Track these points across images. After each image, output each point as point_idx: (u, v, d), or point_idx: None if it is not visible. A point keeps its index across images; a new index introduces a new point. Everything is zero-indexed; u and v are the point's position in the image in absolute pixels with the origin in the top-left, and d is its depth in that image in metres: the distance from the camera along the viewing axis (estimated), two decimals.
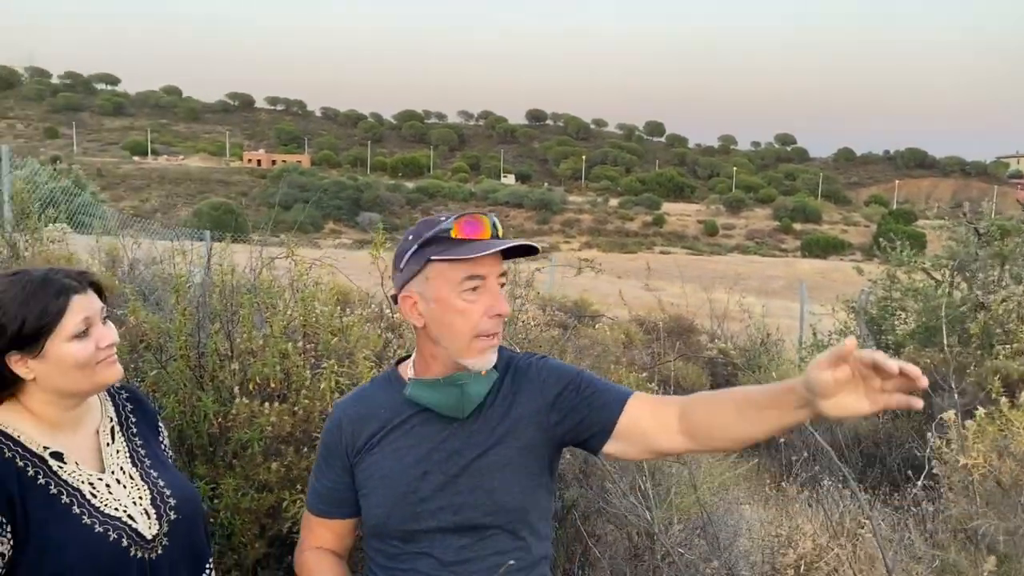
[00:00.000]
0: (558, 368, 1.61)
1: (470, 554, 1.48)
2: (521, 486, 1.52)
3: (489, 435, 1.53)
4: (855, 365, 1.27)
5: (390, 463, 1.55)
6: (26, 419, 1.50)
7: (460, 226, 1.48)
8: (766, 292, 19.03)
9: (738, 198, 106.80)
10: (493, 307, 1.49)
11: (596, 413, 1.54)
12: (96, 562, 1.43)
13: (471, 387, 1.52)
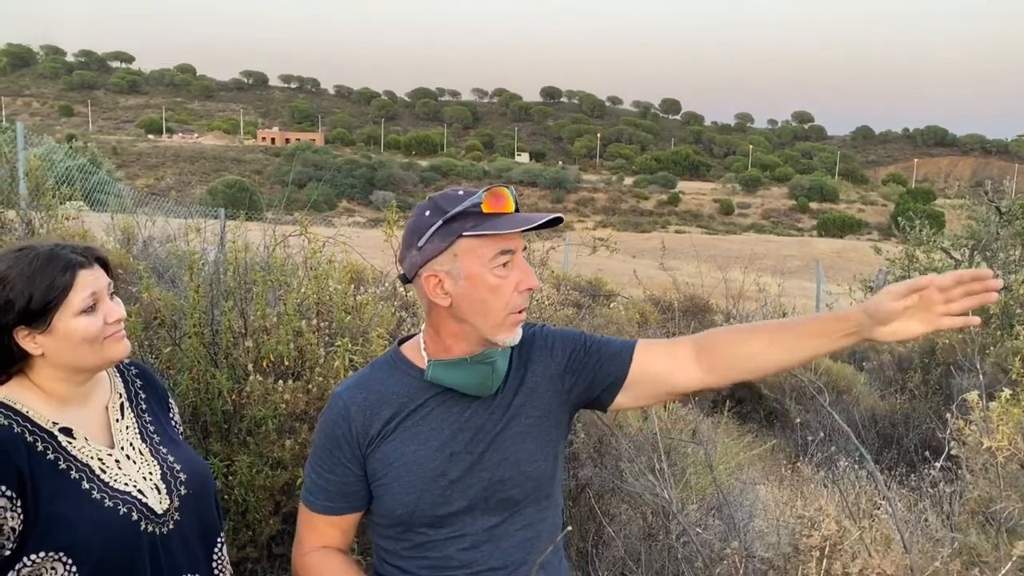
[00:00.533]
0: (562, 333, 1.60)
1: (500, 531, 1.47)
2: (544, 453, 1.51)
3: (508, 408, 1.51)
4: (929, 293, 1.31)
5: (413, 448, 1.49)
6: (35, 395, 1.49)
7: (489, 200, 1.43)
8: (782, 272, 18.85)
9: (754, 177, 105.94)
10: (524, 282, 1.45)
11: (607, 365, 1.53)
12: (106, 536, 1.43)
13: (500, 363, 1.49)
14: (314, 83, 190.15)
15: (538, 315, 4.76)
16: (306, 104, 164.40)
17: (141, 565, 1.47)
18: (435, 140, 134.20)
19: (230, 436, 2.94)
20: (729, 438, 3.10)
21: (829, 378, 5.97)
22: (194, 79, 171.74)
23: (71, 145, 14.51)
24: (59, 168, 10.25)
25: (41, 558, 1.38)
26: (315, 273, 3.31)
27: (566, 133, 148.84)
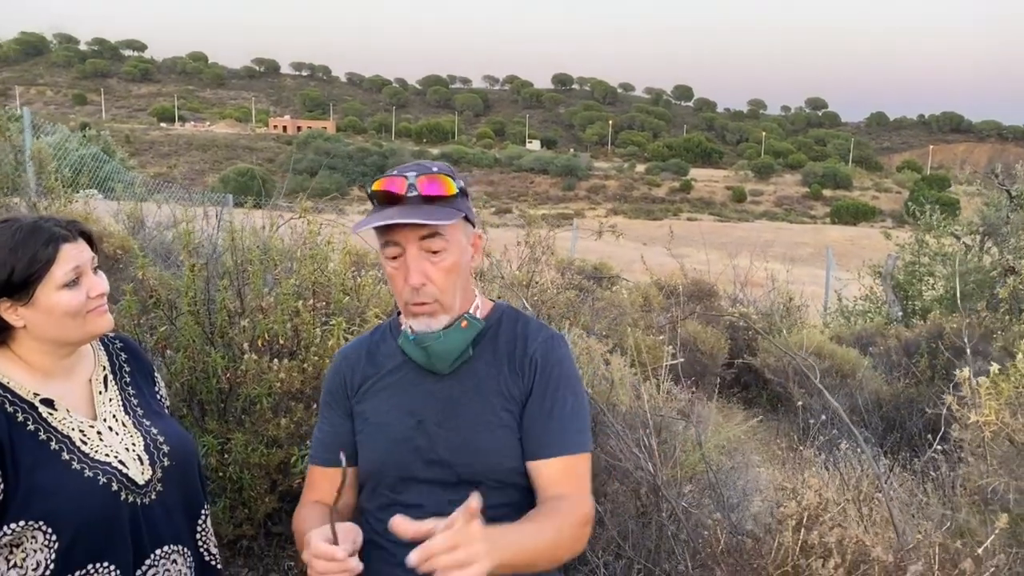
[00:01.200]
0: (551, 367, 1.51)
1: (458, 508, 1.47)
2: (510, 446, 1.49)
3: (477, 391, 1.51)
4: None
5: (386, 408, 1.54)
6: (17, 366, 1.50)
7: (377, 186, 1.46)
8: (793, 259, 18.72)
9: (767, 164, 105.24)
10: (408, 278, 1.43)
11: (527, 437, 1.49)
12: (85, 505, 1.44)
13: (435, 347, 1.50)
14: (325, 71, 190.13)
15: (538, 298, 4.75)
16: (317, 92, 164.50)
17: (121, 534, 1.48)
18: (446, 128, 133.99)
19: (226, 414, 2.96)
20: (722, 416, 3.09)
21: (833, 362, 5.94)
22: (206, 67, 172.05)
23: (84, 134, 14.59)
24: (72, 157, 10.32)
25: (21, 527, 1.39)
26: (312, 253, 3.32)
27: (578, 120, 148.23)
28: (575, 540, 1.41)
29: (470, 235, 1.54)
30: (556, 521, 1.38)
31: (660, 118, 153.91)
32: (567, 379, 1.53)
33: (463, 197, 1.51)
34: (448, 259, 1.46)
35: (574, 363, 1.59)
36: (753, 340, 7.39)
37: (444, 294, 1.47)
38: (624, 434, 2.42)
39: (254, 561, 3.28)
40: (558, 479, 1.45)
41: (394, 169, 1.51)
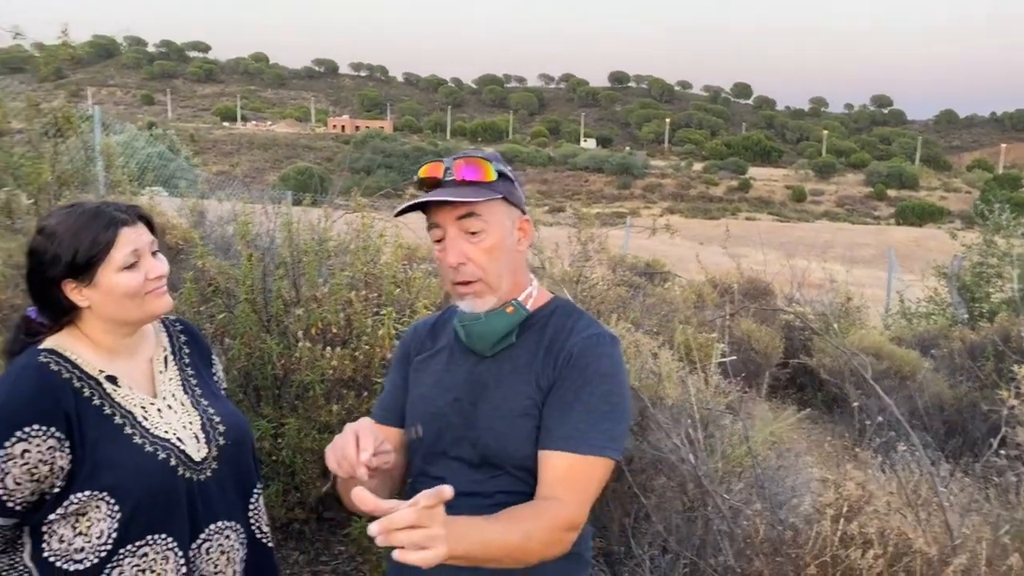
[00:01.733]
0: (585, 363, 1.49)
1: (479, 488, 1.49)
2: (530, 434, 1.48)
3: (512, 377, 1.53)
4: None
5: (430, 383, 1.60)
6: (84, 344, 1.58)
7: (422, 172, 1.52)
8: (854, 260, 18.27)
9: (828, 163, 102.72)
10: (449, 258, 1.48)
11: (542, 426, 1.47)
12: (146, 479, 1.51)
13: (474, 328, 1.53)
14: (383, 71, 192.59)
15: (588, 294, 4.75)
16: (375, 92, 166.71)
17: (178, 508, 1.55)
18: (501, 126, 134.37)
19: (280, 400, 3.05)
20: (772, 413, 3.05)
21: (892, 363, 5.79)
22: (267, 67, 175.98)
23: (151, 133, 15.09)
24: (140, 155, 10.70)
25: (87, 496, 1.47)
26: (365, 246, 3.39)
27: (634, 118, 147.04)
28: (549, 545, 1.36)
29: (515, 219, 1.55)
30: (530, 524, 1.34)
31: (718, 116, 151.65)
32: (601, 378, 1.47)
33: (505, 182, 1.53)
34: (488, 240, 1.48)
35: (618, 366, 1.52)
36: (809, 340, 7.24)
37: (487, 274, 1.49)
38: (669, 427, 2.41)
39: (305, 545, 3.37)
40: (558, 478, 1.42)
41: (442, 159, 1.55)
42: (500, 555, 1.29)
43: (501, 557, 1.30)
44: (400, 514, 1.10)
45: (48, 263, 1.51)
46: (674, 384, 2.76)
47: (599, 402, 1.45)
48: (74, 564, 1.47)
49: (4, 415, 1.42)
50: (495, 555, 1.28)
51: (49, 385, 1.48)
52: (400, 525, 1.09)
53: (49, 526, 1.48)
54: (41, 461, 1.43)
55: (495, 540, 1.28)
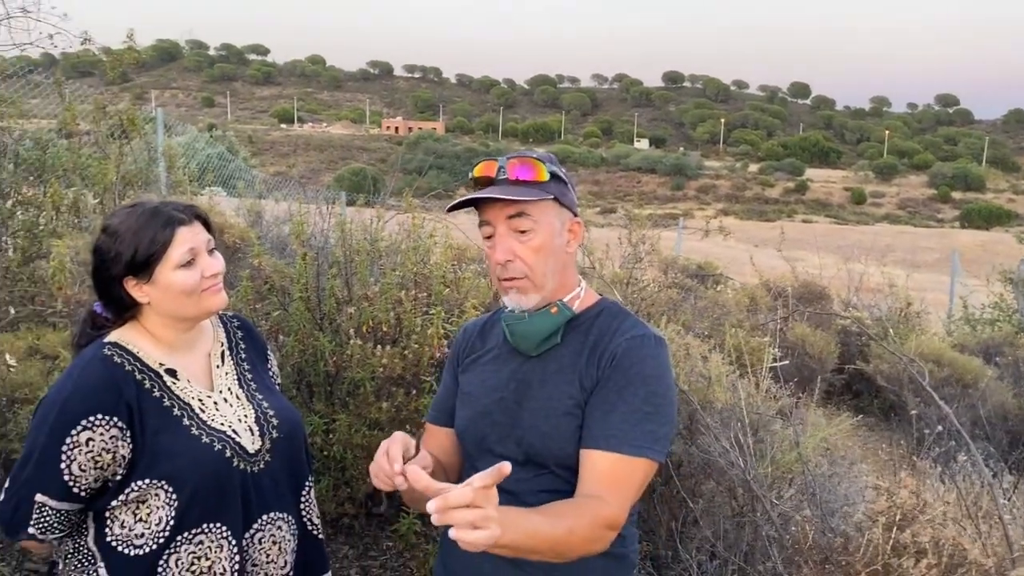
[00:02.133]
0: (629, 364, 1.49)
1: (523, 486, 1.51)
2: (572, 433, 1.49)
3: (556, 376, 1.54)
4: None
5: (478, 382, 1.63)
6: (145, 338, 1.64)
7: (477, 171, 1.55)
8: (916, 264, 17.76)
9: (890, 164, 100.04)
10: (495, 255, 1.51)
11: (584, 426, 1.48)
12: (202, 469, 1.56)
13: (517, 327, 1.56)
14: (436, 72, 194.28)
15: (638, 296, 4.73)
16: (428, 93, 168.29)
17: (233, 498, 1.59)
18: (553, 127, 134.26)
19: (332, 396, 3.11)
20: (825, 418, 2.98)
21: (954, 370, 5.61)
22: (324, 70, 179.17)
23: (211, 134, 15.48)
24: (200, 156, 11.00)
25: (146, 484, 1.52)
26: (415, 246, 3.43)
27: (688, 119, 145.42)
28: (590, 541, 1.37)
29: (566, 220, 1.56)
30: (572, 520, 1.34)
31: (775, 116, 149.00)
32: (646, 379, 1.47)
33: (558, 183, 1.54)
34: (536, 239, 1.50)
35: (664, 368, 1.51)
36: (866, 346, 7.07)
37: (533, 272, 1.51)
38: (718, 431, 2.39)
39: (355, 539, 3.42)
40: (599, 476, 1.42)
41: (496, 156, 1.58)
42: (543, 548, 1.30)
43: (544, 550, 1.31)
44: (456, 493, 1.12)
45: (111, 261, 1.57)
46: (724, 388, 2.73)
47: (642, 403, 1.45)
48: (134, 549, 1.53)
49: (71, 405, 1.49)
50: (539, 547, 1.29)
51: (113, 377, 1.54)
52: (455, 504, 1.11)
53: (111, 512, 1.54)
54: (104, 449, 1.49)
55: (540, 532, 1.29)
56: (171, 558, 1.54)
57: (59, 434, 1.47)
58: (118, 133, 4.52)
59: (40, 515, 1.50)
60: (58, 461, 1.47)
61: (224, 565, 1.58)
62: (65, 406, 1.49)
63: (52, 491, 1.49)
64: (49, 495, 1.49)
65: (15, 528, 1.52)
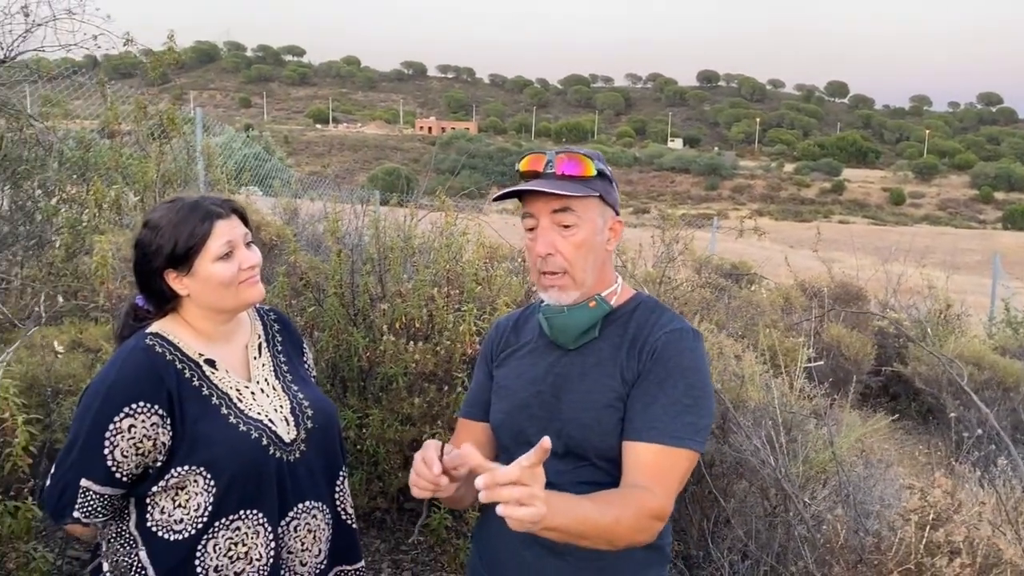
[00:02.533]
0: (669, 356, 1.50)
1: (563, 478, 1.50)
2: (614, 426, 1.50)
3: (595, 369, 1.55)
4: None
5: (515, 375, 1.65)
6: (186, 329, 1.68)
7: (524, 164, 1.55)
8: (956, 266, 17.38)
9: (930, 164, 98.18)
10: (536, 248, 1.51)
11: (626, 418, 1.49)
12: (239, 456, 1.60)
13: (557, 320, 1.57)
14: (470, 72, 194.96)
15: (671, 294, 4.71)
16: (461, 93, 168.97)
17: (269, 486, 1.63)
18: (586, 127, 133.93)
19: (365, 391, 3.14)
20: (860, 418, 2.95)
21: (995, 373, 5.50)
22: (359, 70, 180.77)
23: (248, 134, 15.70)
24: (237, 155, 11.17)
25: (185, 471, 1.56)
26: (447, 243, 3.46)
27: (723, 118, 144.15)
28: (637, 531, 1.37)
29: (608, 218, 1.57)
30: (619, 510, 1.35)
31: (811, 115, 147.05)
32: (685, 371, 1.48)
33: (604, 181, 1.55)
34: (579, 234, 1.50)
35: (701, 361, 1.53)
36: (903, 348, 6.95)
37: (573, 267, 1.51)
38: (751, 429, 2.37)
39: (387, 533, 3.46)
40: (643, 467, 1.43)
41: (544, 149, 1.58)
42: (592, 535, 1.31)
43: (592, 537, 1.31)
44: (504, 470, 1.14)
45: (152, 254, 1.62)
46: (757, 387, 2.71)
47: (682, 395, 1.46)
48: (173, 534, 1.57)
49: (114, 392, 1.53)
50: (587, 533, 1.30)
51: (154, 366, 1.58)
52: (503, 481, 1.13)
53: (152, 498, 1.58)
54: (145, 436, 1.54)
55: (589, 518, 1.30)
56: (209, 543, 1.58)
57: (103, 421, 1.52)
58: (158, 133, 4.62)
59: (84, 499, 1.55)
60: (101, 447, 1.52)
61: (260, 551, 1.61)
62: (108, 394, 1.53)
63: (96, 476, 1.53)
64: (93, 480, 1.54)
65: (61, 512, 1.57)
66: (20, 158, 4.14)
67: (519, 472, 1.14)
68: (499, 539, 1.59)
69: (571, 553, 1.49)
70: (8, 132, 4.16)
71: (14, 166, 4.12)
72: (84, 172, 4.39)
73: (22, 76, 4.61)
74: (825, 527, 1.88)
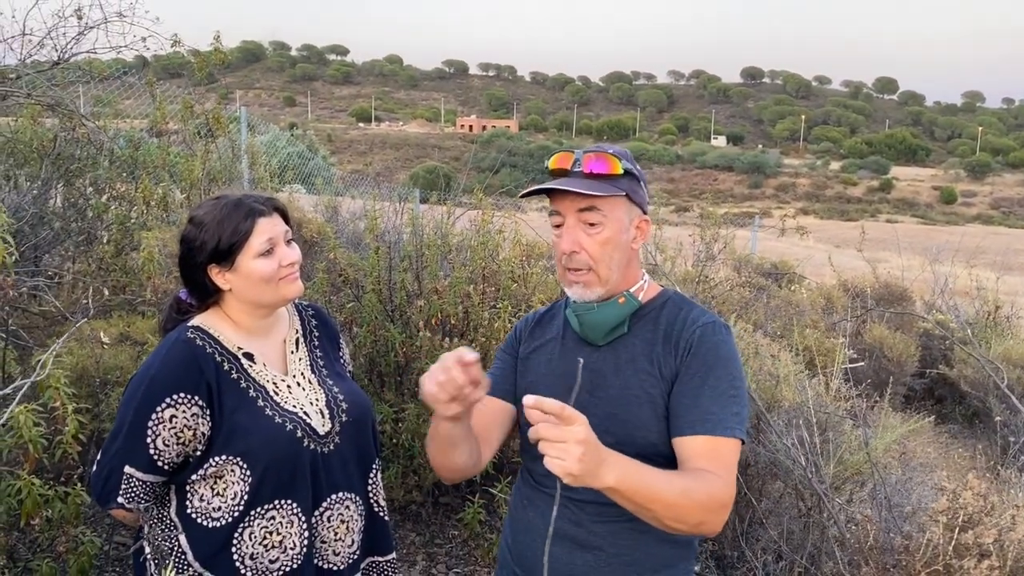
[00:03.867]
0: (706, 349, 1.52)
1: None
2: (652, 421, 1.51)
3: (628, 365, 1.56)
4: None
5: (543, 372, 1.66)
6: (226, 324, 1.74)
7: (553, 162, 1.56)
8: (1008, 267, 16.89)
9: (983, 162, 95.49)
10: (562, 245, 1.53)
11: (672, 415, 1.50)
12: (274, 447, 1.65)
13: (587, 317, 1.58)
14: (511, 70, 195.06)
15: (709, 295, 4.67)
16: (502, 92, 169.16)
17: (303, 476, 1.67)
18: (627, 124, 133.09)
19: (401, 386, 3.19)
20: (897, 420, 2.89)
21: None
22: (401, 69, 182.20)
23: (292, 133, 15.94)
24: (281, 154, 11.36)
25: (223, 460, 1.62)
26: (484, 241, 3.49)
27: (767, 115, 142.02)
28: (703, 511, 1.35)
29: (634, 217, 1.58)
30: (689, 483, 1.36)
31: (859, 112, 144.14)
32: (723, 362, 1.51)
33: (631, 180, 1.56)
34: (604, 232, 1.52)
35: (735, 351, 1.54)
36: (949, 350, 6.80)
37: (598, 264, 1.53)
38: (783, 430, 2.36)
39: (421, 527, 3.51)
40: (703, 457, 1.44)
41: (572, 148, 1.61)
42: (658, 507, 1.31)
43: (658, 509, 1.32)
44: (551, 400, 1.18)
45: (196, 249, 1.67)
46: (792, 387, 2.69)
47: (726, 386, 1.48)
48: (212, 521, 1.63)
49: (157, 383, 1.59)
50: (654, 503, 1.31)
51: (195, 358, 1.63)
52: (550, 409, 1.17)
53: (191, 486, 1.64)
54: (186, 426, 1.59)
55: (658, 486, 1.31)
56: (245, 531, 1.63)
57: (146, 410, 1.58)
58: (204, 132, 4.74)
59: (128, 485, 1.61)
60: (144, 435, 1.58)
61: (295, 540, 1.66)
62: (151, 384, 1.59)
63: (139, 463, 1.59)
64: (136, 467, 1.60)
65: (106, 497, 1.63)
66: (73, 157, 4.28)
67: (568, 410, 1.18)
68: (528, 534, 1.62)
69: (601, 548, 1.52)
70: (62, 131, 4.30)
71: (67, 164, 4.26)
72: (133, 170, 4.52)
73: (75, 77, 4.76)
74: (855, 528, 1.86)
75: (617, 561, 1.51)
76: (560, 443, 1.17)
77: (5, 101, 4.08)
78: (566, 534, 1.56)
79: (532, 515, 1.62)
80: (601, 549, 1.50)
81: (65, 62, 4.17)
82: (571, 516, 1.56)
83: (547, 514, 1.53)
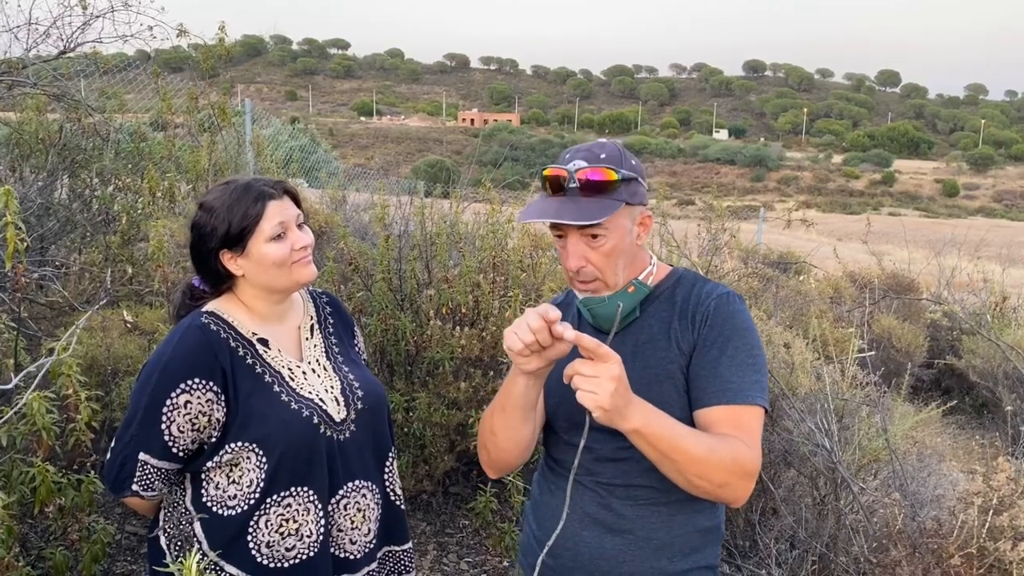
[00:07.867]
0: (723, 319, 1.52)
1: (627, 454, 1.51)
2: (674, 398, 1.50)
3: (647, 345, 1.55)
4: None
5: (562, 360, 1.61)
6: (240, 309, 1.72)
7: (547, 173, 1.52)
8: (1012, 260, 16.84)
9: (986, 155, 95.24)
10: (567, 262, 1.51)
11: (693, 387, 1.50)
12: (290, 434, 1.63)
13: (598, 309, 1.57)
14: (512, 64, 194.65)
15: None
16: (504, 85, 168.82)
17: (319, 463, 1.66)
18: (629, 118, 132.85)
19: (412, 376, 3.18)
20: (913, 405, 2.88)
21: None
22: (402, 63, 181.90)
23: (294, 127, 15.89)
24: (284, 148, 11.33)
25: (238, 447, 1.60)
26: (492, 230, 3.47)
27: (769, 108, 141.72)
28: (726, 472, 1.36)
29: (636, 215, 1.56)
30: (715, 442, 1.36)
31: (861, 105, 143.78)
32: (740, 331, 1.51)
33: (627, 183, 1.52)
34: (608, 244, 1.50)
35: (750, 321, 1.55)
36: (956, 341, 6.77)
37: (604, 273, 1.52)
38: (802, 417, 2.34)
39: (432, 516, 3.50)
40: (727, 425, 1.43)
41: (567, 152, 1.57)
42: (682, 457, 1.33)
43: (681, 460, 1.33)
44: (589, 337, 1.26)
45: (207, 235, 1.65)
46: (808, 374, 2.68)
47: (744, 355, 1.49)
48: (227, 509, 1.61)
49: (171, 368, 1.57)
50: (677, 452, 1.33)
51: (209, 344, 1.62)
52: (587, 345, 1.25)
53: (207, 473, 1.62)
54: (201, 412, 1.58)
55: (683, 437, 1.33)
56: (261, 519, 1.61)
57: (160, 396, 1.56)
58: (209, 124, 4.71)
59: (143, 472, 1.59)
60: (159, 422, 1.56)
61: (311, 528, 1.64)
62: (165, 370, 1.57)
63: (153, 450, 1.58)
64: (151, 454, 1.58)
65: (120, 484, 1.62)
66: (78, 147, 4.26)
67: (598, 345, 1.25)
68: (555, 519, 1.60)
69: (631, 531, 1.53)
70: (67, 122, 4.28)
71: (73, 155, 4.24)
72: (138, 162, 4.50)
73: (80, 68, 4.73)
74: (882, 511, 1.85)
75: (647, 545, 1.51)
76: (594, 378, 1.23)
77: (11, 91, 4.05)
78: (596, 518, 1.55)
79: (558, 501, 1.60)
80: (631, 532, 1.51)
81: (71, 51, 4.15)
82: (600, 500, 1.55)
83: (573, 497, 1.52)
